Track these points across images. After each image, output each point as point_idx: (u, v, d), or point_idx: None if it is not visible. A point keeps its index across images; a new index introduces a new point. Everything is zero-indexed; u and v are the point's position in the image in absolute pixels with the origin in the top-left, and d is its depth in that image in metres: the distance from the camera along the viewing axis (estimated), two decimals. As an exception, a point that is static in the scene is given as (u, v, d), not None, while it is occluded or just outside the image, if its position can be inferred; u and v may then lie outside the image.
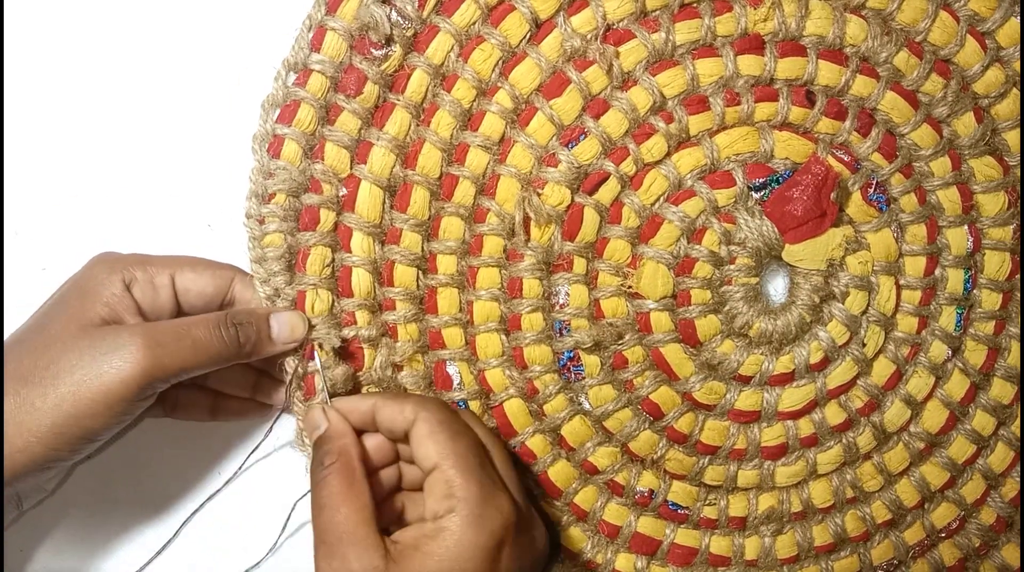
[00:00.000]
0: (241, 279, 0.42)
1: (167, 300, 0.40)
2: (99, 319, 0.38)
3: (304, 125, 0.41)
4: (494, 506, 0.36)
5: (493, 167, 0.42)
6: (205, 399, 0.44)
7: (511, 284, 0.43)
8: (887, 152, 0.43)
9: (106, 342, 0.36)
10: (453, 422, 0.38)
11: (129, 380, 0.36)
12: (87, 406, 0.36)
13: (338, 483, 0.37)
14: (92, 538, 0.47)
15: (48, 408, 0.36)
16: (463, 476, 0.36)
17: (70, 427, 0.36)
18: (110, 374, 0.36)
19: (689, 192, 0.43)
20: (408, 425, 0.38)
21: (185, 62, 0.45)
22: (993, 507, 0.46)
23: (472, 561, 0.35)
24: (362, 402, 0.39)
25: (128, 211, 0.45)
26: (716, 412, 0.44)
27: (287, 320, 0.41)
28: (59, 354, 0.36)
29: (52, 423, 0.36)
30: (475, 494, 0.36)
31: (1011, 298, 0.45)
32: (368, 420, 0.39)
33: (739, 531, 0.46)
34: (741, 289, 0.43)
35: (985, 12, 0.42)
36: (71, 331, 0.37)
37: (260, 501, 0.46)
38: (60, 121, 0.45)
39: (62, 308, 0.38)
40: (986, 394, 0.45)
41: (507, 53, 0.42)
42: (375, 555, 0.35)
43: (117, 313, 0.38)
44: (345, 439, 0.38)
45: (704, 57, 0.42)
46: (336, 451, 0.38)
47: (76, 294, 0.39)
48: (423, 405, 0.38)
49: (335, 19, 0.41)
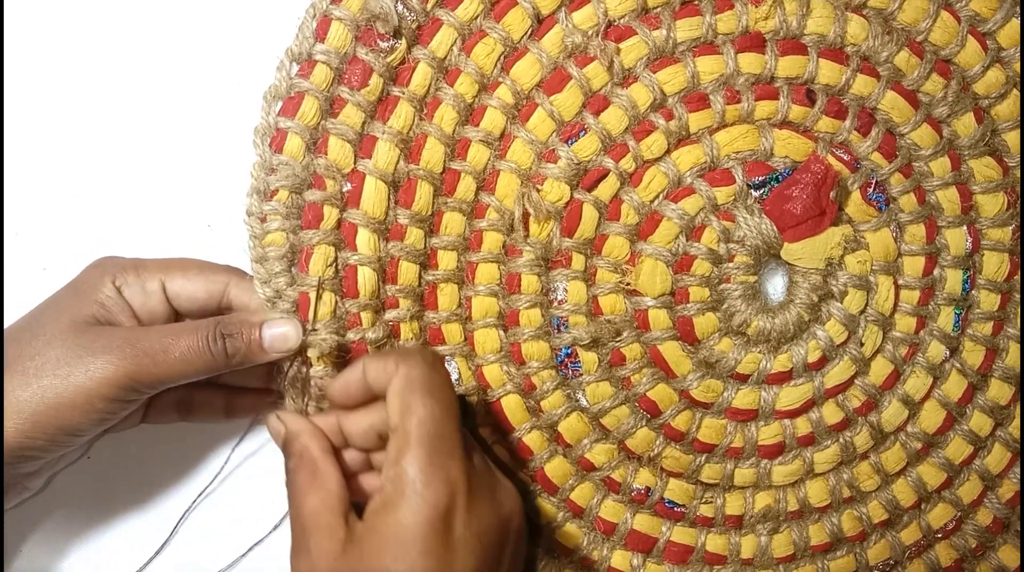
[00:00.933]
0: (237, 282, 0.41)
1: (159, 304, 0.40)
2: (91, 317, 0.38)
3: (307, 118, 0.41)
4: (440, 476, 0.34)
5: (493, 162, 0.42)
6: (219, 398, 0.44)
7: (510, 280, 0.43)
8: (887, 152, 0.43)
9: (96, 343, 0.37)
10: (429, 380, 0.36)
11: (112, 382, 0.36)
12: (68, 399, 0.36)
13: (302, 479, 0.37)
14: (92, 538, 0.47)
15: (28, 397, 0.36)
16: (414, 441, 0.34)
17: (49, 418, 0.36)
18: (94, 373, 0.36)
19: (688, 190, 0.43)
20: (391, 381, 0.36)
21: (184, 59, 0.45)
22: (990, 508, 0.46)
23: (416, 536, 0.33)
24: (352, 370, 0.38)
25: (128, 211, 0.45)
26: (713, 410, 0.44)
27: (280, 329, 0.40)
28: (45, 346, 0.37)
29: (32, 412, 0.36)
30: (419, 462, 0.34)
31: (1009, 299, 0.45)
32: (361, 386, 0.38)
33: (735, 529, 0.46)
34: (740, 287, 0.43)
35: (986, 12, 0.42)
36: (61, 325, 0.37)
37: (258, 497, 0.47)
38: (60, 121, 0.45)
39: (55, 305, 0.39)
40: (984, 395, 0.45)
41: (509, 48, 0.42)
42: (332, 540, 0.34)
43: (111, 313, 0.39)
44: (303, 437, 0.38)
45: (705, 55, 0.42)
46: (296, 452, 0.38)
47: (70, 292, 0.39)
48: (404, 360, 0.36)
49: (340, 8, 0.40)
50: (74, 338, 0.37)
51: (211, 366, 0.38)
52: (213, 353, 0.38)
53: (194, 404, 0.43)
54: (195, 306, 0.41)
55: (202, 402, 0.44)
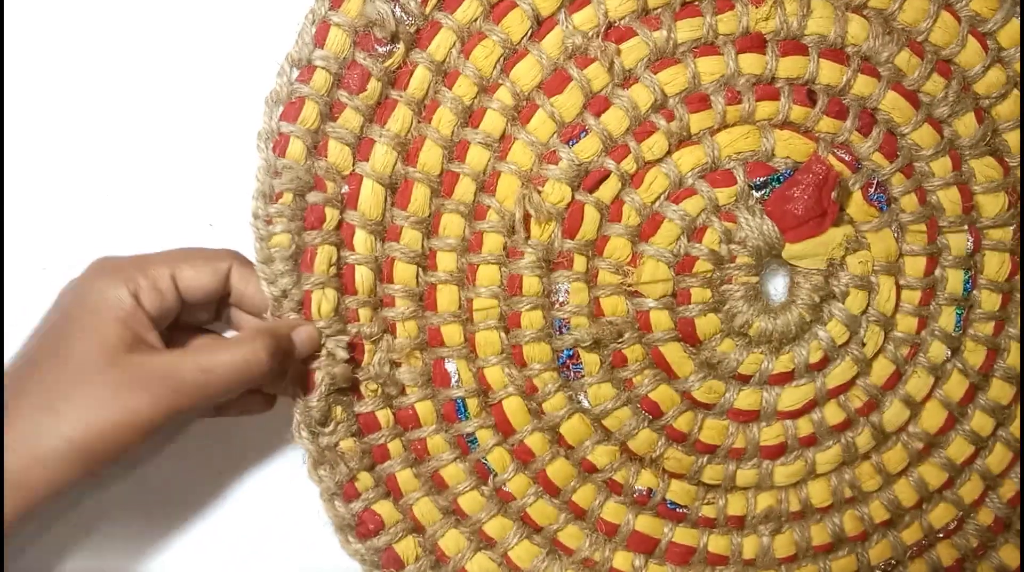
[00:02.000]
0: (238, 268, 0.41)
1: (173, 301, 0.39)
2: (121, 344, 0.36)
3: (309, 122, 0.41)
4: None
5: (493, 164, 0.42)
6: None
7: (511, 281, 0.43)
8: (888, 152, 0.43)
9: (137, 377, 0.36)
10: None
11: (157, 419, 0.35)
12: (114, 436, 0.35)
13: None
14: (91, 537, 0.47)
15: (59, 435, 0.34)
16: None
17: (99, 453, 0.35)
18: (142, 410, 0.35)
19: (690, 190, 0.43)
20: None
21: (184, 60, 0.45)
22: (991, 508, 0.46)
23: None
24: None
25: (129, 211, 0.45)
26: (715, 411, 0.44)
27: (307, 335, 0.41)
28: (80, 384, 0.35)
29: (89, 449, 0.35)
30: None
31: (1011, 299, 0.45)
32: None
33: (737, 530, 0.46)
34: (741, 288, 0.43)
35: (987, 13, 0.42)
36: (92, 359, 0.36)
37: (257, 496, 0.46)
38: (60, 121, 0.45)
39: (78, 330, 0.37)
40: (985, 395, 0.45)
41: (508, 50, 0.42)
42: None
43: (135, 332, 0.37)
44: None
45: (705, 55, 0.42)
46: None
47: (88, 313, 0.37)
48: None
49: (339, 14, 0.41)
50: (112, 373, 0.35)
51: (253, 382, 0.38)
52: (255, 370, 0.38)
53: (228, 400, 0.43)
54: (203, 294, 0.41)
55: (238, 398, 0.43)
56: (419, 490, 0.44)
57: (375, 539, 0.44)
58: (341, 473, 0.43)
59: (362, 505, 0.44)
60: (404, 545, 0.44)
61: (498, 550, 0.45)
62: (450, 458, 0.44)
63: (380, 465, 0.44)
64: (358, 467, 0.43)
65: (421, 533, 0.45)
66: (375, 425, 0.43)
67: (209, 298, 0.41)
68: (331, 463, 0.43)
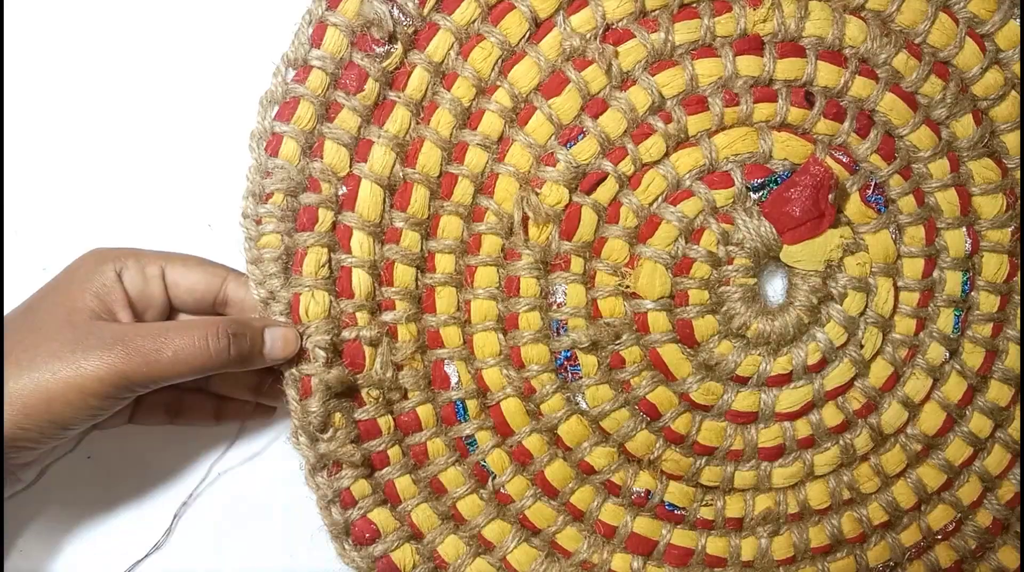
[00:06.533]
0: (235, 278, 0.42)
1: (157, 291, 0.40)
2: (88, 310, 0.38)
3: (303, 123, 0.41)
4: None
5: (492, 166, 0.42)
6: (209, 403, 0.44)
7: (509, 283, 0.43)
8: (886, 153, 0.43)
9: (90, 338, 0.37)
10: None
11: (105, 380, 0.36)
12: (60, 394, 0.36)
13: None
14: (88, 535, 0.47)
15: (20, 388, 0.36)
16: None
17: (40, 411, 0.36)
18: (88, 370, 0.36)
19: (687, 192, 0.43)
20: None
21: (184, 60, 0.45)
22: (990, 509, 0.46)
23: None
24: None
25: (128, 211, 0.45)
26: (713, 413, 0.44)
27: (281, 336, 0.40)
28: (42, 340, 0.37)
29: (23, 403, 0.36)
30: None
31: (1009, 300, 0.45)
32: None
33: (736, 532, 0.46)
34: (739, 290, 0.43)
35: (984, 14, 0.42)
36: (57, 318, 0.37)
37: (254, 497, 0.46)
38: (60, 121, 0.45)
39: (52, 295, 0.39)
40: (983, 396, 0.45)
41: (507, 52, 0.42)
42: None
43: (107, 305, 0.39)
44: None
45: (703, 57, 0.42)
46: None
47: (66, 282, 0.39)
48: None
49: (336, 14, 0.41)
50: (69, 332, 0.37)
51: (206, 366, 0.38)
52: (212, 352, 0.38)
53: (183, 407, 0.43)
54: (192, 298, 0.41)
55: (191, 406, 0.44)
56: (417, 496, 0.44)
57: (371, 547, 0.44)
58: (339, 481, 0.43)
59: (359, 513, 0.43)
60: (401, 553, 0.44)
61: (497, 554, 0.45)
62: (449, 461, 0.44)
63: (379, 471, 0.44)
64: (357, 474, 0.43)
65: (419, 540, 0.44)
66: (376, 431, 0.43)
67: (198, 302, 0.41)
68: (329, 470, 0.43)
